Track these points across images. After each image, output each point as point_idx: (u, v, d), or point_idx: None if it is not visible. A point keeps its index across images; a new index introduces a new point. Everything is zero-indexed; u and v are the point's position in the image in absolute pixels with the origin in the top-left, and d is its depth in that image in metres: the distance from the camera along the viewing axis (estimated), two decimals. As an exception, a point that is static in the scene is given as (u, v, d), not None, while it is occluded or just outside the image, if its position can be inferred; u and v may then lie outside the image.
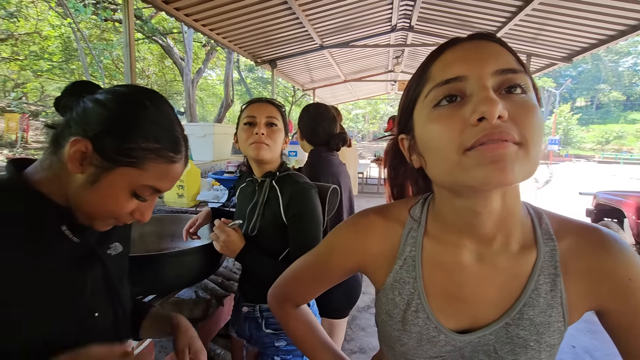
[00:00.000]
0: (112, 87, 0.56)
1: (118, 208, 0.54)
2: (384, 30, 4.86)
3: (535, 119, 0.37)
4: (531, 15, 3.42)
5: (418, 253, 0.50)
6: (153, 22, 8.99)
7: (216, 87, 17.38)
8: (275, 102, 1.09)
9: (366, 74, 7.64)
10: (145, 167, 0.53)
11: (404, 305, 0.50)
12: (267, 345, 1.08)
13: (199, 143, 2.96)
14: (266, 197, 1.04)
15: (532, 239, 0.46)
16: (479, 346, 0.46)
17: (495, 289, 0.46)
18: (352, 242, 0.56)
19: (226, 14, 3.25)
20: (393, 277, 0.52)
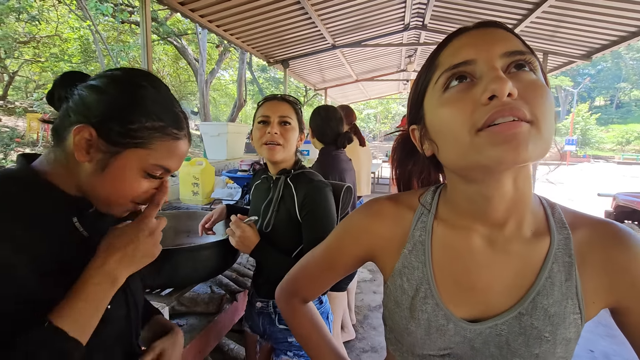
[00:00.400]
0: (104, 72, 0.55)
1: (132, 190, 0.54)
2: (396, 29, 4.82)
3: (545, 97, 0.37)
4: (548, 12, 3.34)
5: (428, 238, 0.50)
6: (168, 23, 9.15)
7: (229, 88, 17.57)
8: (290, 99, 1.09)
9: (378, 73, 7.60)
10: (152, 147, 0.53)
11: (412, 292, 0.49)
12: (280, 341, 1.09)
13: (213, 142, 3.00)
14: (281, 195, 1.05)
15: (544, 227, 0.46)
16: (490, 337, 0.44)
17: (508, 276, 0.45)
18: (362, 225, 0.56)
19: (239, 15, 3.29)
20: (402, 262, 0.51)
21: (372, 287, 3.20)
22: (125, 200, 0.55)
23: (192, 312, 1.27)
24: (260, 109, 1.08)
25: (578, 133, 27.14)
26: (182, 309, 1.26)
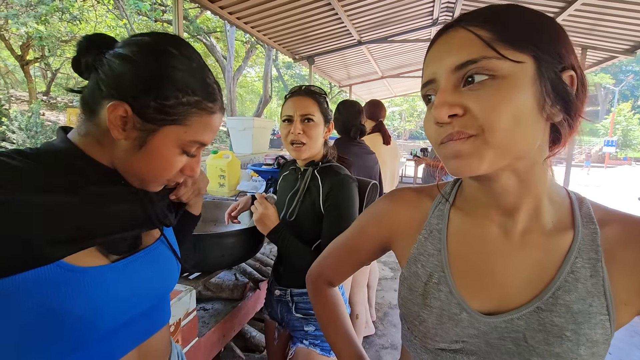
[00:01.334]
0: (132, 37, 0.51)
1: (170, 168, 0.53)
2: (424, 24, 4.73)
3: (491, 107, 0.37)
4: (588, 4, 3.17)
5: (444, 225, 0.50)
6: (198, 22, 9.41)
7: (254, 84, 17.85)
8: (314, 91, 1.08)
9: (404, 69, 7.48)
10: (189, 123, 0.51)
11: (426, 278, 0.49)
12: (297, 329, 1.12)
13: (239, 136, 3.08)
14: (307, 186, 1.07)
15: (569, 221, 0.45)
16: (506, 332, 0.42)
17: (526, 268, 0.44)
18: (384, 211, 0.58)
19: (267, 12, 3.34)
20: (417, 249, 0.51)
21: (394, 285, 3.18)
22: (162, 179, 0.54)
23: (218, 298, 1.32)
24: (284, 105, 1.08)
25: (619, 134, 25.54)
26: (208, 293, 1.31)
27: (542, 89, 0.38)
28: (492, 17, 0.39)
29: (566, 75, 0.39)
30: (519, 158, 0.40)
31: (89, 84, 0.51)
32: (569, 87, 0.39)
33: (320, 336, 1.09)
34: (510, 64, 0.37)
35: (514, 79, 0.37)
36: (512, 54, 0.38)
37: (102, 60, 0.49)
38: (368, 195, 1.14)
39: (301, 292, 1.10)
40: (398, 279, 1.54)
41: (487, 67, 0.38)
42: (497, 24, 0.39)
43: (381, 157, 2.18)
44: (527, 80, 0.38)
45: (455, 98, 0.39)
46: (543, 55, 0.38)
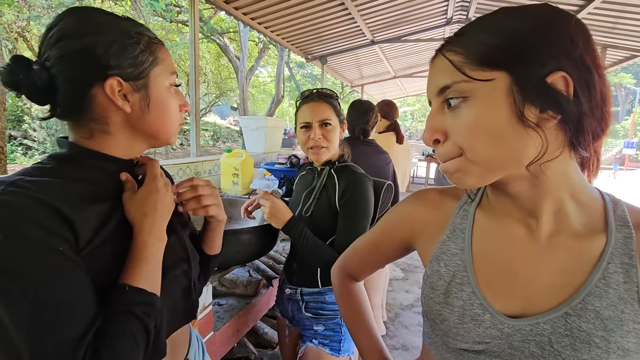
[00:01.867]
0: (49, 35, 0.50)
1: (174, 108, 0.59)
2: (438, 23, 4.68)
3: (465, 128, 0.41)
4: (608, 2, 3.09)
5: (469, 224, 0.50)
6: (212, 22, 9.53)
7: (267, 84, 17.97)
8: (327, 95, 1.10)
9: (417, 69, 7.42)
10: (160, 58, 0.56)
11: (449, 277, 0.49)
12: (307, 328, 1.13)
13: (252, 135, 3.11)
14: (323, 184, 1.09)
15: (601, 224, 0.43)
16: (530, 336, 0.42)
17: (554, 271, 0.43)
18: (407, 210, 0.60)
19: (281, 12, 3.36)
20: (440, 247, 0.52)
21: (405, 285, 3.17)
22: (177, 121, 0.60)
23: (232, 294, 1.35)
24: (299, 112, 1.10)
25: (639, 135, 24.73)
26: (223, 289, 1.34)
27: (520, 99, 0.38)
28: (464, 39, 0.41)
29: (554, 78, 0.37)
30: (511, 168, 0.41)
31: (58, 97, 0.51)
32: (558, 89, 0.38)
33: (330, 336, 1.09)
34: (480, 84, 0.39)
35: (484, 98, 0.39)
36: (480, 74, 0.39)
37: (48, 70, 0.49)
38: (383, 196, 1.14)
39: (311, 291, 1.11)
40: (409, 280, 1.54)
41: (459, 90, 0.40)
42: (467, 45, 0.41)
43: (394, 156, 2.17)
44: (500, 96, 0.39)
45: (437, 122, 0.43)
46: (517, 66, 0.38)
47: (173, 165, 2.02)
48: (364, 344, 0.66)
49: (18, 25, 9.07)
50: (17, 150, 7.35)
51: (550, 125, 0.39)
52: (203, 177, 2.34)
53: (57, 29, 0.49)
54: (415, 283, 3.23)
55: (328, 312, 1.10)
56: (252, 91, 17.36)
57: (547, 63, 0.38)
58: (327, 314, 1.10)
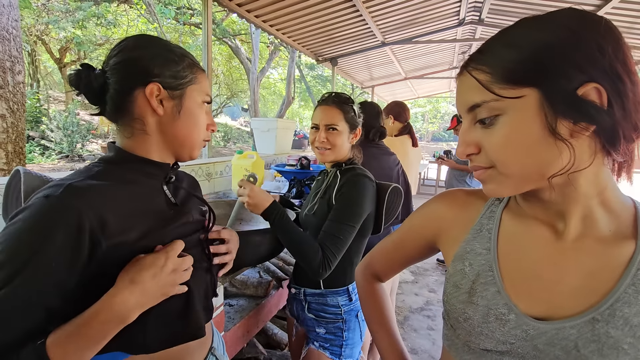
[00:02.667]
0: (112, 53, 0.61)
1: (202, 122, 0.66)
2: (450, 24, 4.64)
3: (497, 144, 0.42)
4: (627, 1, 3.02)
5: (495, 225, 0.51)
6: (224, 24, 9.64)
7: (277, 86, 18.08)
8: (341, 100, 1.12)
9: (428, 71, 7.37)
10: (199, 80, 0.65)
11: (474, 276, 0.49)
12: (310, 329, 1.14)
13: (263, 137, 3.14)
14: (329, 184, 1.11)
15: (631, 231, 0.43)
16: (556, 339, 0.41)
17: (580, 275, 0.43)
18: (432, 208, 0.61)
19: (292, 14, 3.38)
20: (464, 247, 0.52)
21: (414, 289, 3.15)
22: (201, 136, 0.66)
23: (242, 294, 1.36)
24: (314, 112, 1.16)
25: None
26: (234, 290, 1.35)
27: (552, 113, 0.39)
28: (489, 57, 0.42)
29: (585, 90, 0.37)
30: (541, 179, 0.42)
31: (109, 94, 0.60)
32: (590, 101, 0.37)
33: (331, 340, 1.09)
34: (510, 101, 0.40)
35: (516, 114, 0.40)
36: (509, 92, 0.40)
37: (105, 74, 0.59)
38: (389, 198, 1.13)
39: (313, 292, 1.11)
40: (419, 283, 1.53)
41: (489, 108, 0.42)
42: (492, 63, 0.41)
43: (409, 159, 2.16)
44: (531, 112, 0.40)
45: (471, 137, 0.45)
46: (546, 81, 0.38)
47: (185, 167, 2.05)
48: (385, 344, 0.67)
49: (37, 29, 9.34)
50: (35, 151, 7.55)
51: (584, 136, 0.39)
52: (214, 178, 2.37)
53: (119, 45, 0.61)
54: (425, 286, 3.21)
55: (329, 315, 1.10)
56: (263, 92, 17.48)
57: (576, 76, 0.37)
58: (329, 317, 1.10)
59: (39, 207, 0.48)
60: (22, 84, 2.57)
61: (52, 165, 7.30)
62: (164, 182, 0.66)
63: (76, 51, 10.97)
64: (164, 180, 0.66)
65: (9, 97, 2.44)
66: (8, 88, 2.42)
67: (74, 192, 0.50)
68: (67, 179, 0.54)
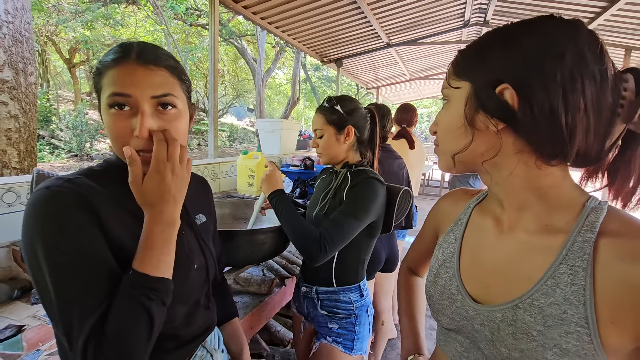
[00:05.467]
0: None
1: (112, 131, 0.56)
2: (455, 26, 4.65)
3: (439, 125, 0.54)
4: (632, 3, 3.00)
5: (466, 218, 0.59)
6: (230, 25, 9.71)
7: (283, 86, 18.14)
8: (322, 107, 1.17)
9: (433, 72, 7.36)
10: (105, 82, 0.55)
11: (441, 261, 0.58)
12: (322, 325, 1.17)
13: (268, 137, 3.18)
14: (339, 184, 1.14)
15: (568, 226, 0.44)
16: (487, 321, 0.47)
17: (512, 264, 0.47)
18: (439, 203, 0.71)
19: (297, 16, 3.42)
20: (444, 237, 0.61)
21: (417, 289, 3.16)
22: (120, 149, 0.56)
23: (246, 292, 1.40)
24: None
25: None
26: (238, 287, 1.39)
27: (474, 106, 0.46)
28: (459, 53, 0.50)
29: (500, 90, 0.44)
30: (469, 162, 0.50)
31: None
32: (503, 100, 0.44)
33: (343, 334, 1.13)
34: (453, 90, 0.50)
35: (454, 101, 0.50)
36: (454, 82, 0.50)
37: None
38: (400, 201, 1.16)
39: (326, 290, 1.15)
40: (421, 285, 1.50)
41: (444, 94, 0.52)
42: (456, 57, 0.50)
43: (408, 161, 2.18)
44: (461, 101, 0.48)
45: (437, 117, 0.55)
46: (476, 77, 0.47)
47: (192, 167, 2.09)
48: (405, 326, 0.75)
49: (47, 30, 9.49)
50: (45, 149, 7.68)
51: (494, 130, 0.45)
52: (220, 178, 2.41)
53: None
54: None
55: (342, 311, 1.13)
56: (269, 93, 17.55)
57: (496, 76, 0.44)
58: (342, 312, 1.13)
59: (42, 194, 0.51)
60: (34, 85, 2.63)
61: (62, 164, 7.42)
62: None
63: (85, 51, 11.12)
64: None
65: (22, 97, 2.50)
66: (21, 89, 2.49)
67: (72, 183, 0.54)
68: (67, 175, 0.58)
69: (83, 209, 0.52)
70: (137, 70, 0.55)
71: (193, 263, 0.69)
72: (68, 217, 0.51)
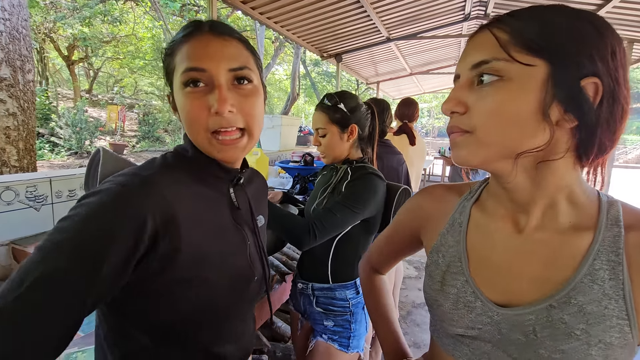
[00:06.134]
0: None
1: (188, 111, 0.51)
2: (456, 19, 4.60)
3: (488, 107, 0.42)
4: (627, 2, 2.97)
5: (465, 219, 0.53)
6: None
7: (282, 82, 18.07)
8: (323, 104, 1.15)
9: (434, 66, 7.31)
10: (177, 59, 0.52)
11: (445, 267, 0.52)
12: (317, 322, 1.16)
13: (268, 134, 3.17)
14: (339, 180, 1.13)
15: (592, 223, 0.44)
16: (516, 324, 0.44)
17: (539, 265, 0.45)
18: (416, 202, 0.63)
19: (296, 11, 3.39)
20: (439, 240, 0.55)
21: (418, 284, 3.17)
22: (195, 128, 0.52)
23: (246, 288, 1.40)
24: None
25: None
26: (238, 283, 1.39)
27: (552, 94, 0.39)
28: (516, 20, 0.41)
29: (587, 82, 0.39)
30: (509, 157, 0.43)
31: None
32: (587, 95, 0.39)
33: (339, 332, 1.12)
34: (519, 67, 0.40)
35: (520, 82, 0.40)
36: (523, 57, 0.39)
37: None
38: (398, 199, 1.15)
39: (322, 287, 1.14)
40: (422, 278, 1.52)
41: (496, 67, 0.41)
42: (517, 26, 0.41)
43: (409, 157, 2.16)
44: (534, 84, 0.39)
45: (462, 95, 0.43)
46: (559, 61, 0.39)
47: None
48: (382, 331, 0.70)
49: (45, 27, 9.45)
50: (45, 147, 7.68)
51: (569, 127, 0.40)
52: (220, 174, 2.40)
53: None
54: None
55: (338, 308, 1.13)
56: (269, 89, 17.34)
57: (586, 66, 0.38)
58: (337, 310, 1.13)
59: (112, 194, 0.43)
60: (32, 83, 2.62)
61: (62, 162, 7.42)
62: (231, 185, 0.59)
63: (84, 48, 11.08)
64: (231, 183, 0.59)
65: (20, 95, 2.49)
66: (19, 87, 2.48)
67: (150, 186, 0.46)
68: (144, 167, 0.50)
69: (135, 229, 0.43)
70: (212, 41, 0.51)
71: (254, 275, 0.61)
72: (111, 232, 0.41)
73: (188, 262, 0.49)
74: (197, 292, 0.51)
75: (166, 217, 0.46)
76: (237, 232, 0.59)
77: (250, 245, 0.61)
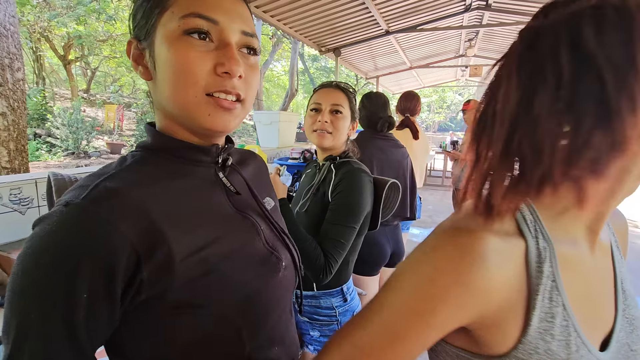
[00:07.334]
0: None
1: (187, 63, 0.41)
2: (456, 10, 4.52)
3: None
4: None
5: (556, 268, 0.36)
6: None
7: (281, 78, 17.97)
8: (344, 86, 1.08)
9: (434, 59, 7.23)
10: (170, 3, 0.42)
11: (566, 353, 0.35)
12: (304, 332, 1.09)
13: (265, 130, 3.10)
14: (322, 179, 1.05)
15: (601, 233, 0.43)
16: (619, 355, 0.40)
17: (603, 284, 0.43)
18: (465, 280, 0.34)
19: (293, 4, 3.31)
20: (538, 316, 0.35)
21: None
22: (191, 88, 0.41)
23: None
24: (313, 96, 1.10)
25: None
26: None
27: None
28: None
29: None
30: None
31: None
32: None
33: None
34: None
35: None
36: None
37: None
38: (386, 194, 1.07)
39: (306, 294, 1.06)
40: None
41: None
42: None
43: (412, 152, 2.10)
44: None
45: None
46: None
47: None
48: None
49: (40, 26, 9.36)
50: (42, 148, 7.62)
51: None
52: (217, 173, 2.34)
53: None
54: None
55: (323, 317, 1.05)
56: (267, 85, 17.39)
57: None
58: (323, 319, 1.05)
59: (54, 224, 0.35)
60: (21, 81, 2.55)
61: (59, 162, 7.37)
62: (218, 168, 0.50)
63: (80, 47, 10.98)
64: (217, 165, 0.50)
65: (9, 94, 2.42)
66: (7, 85, 2.40)
67: (103, 196, 0.37)
68: (96, 174, 0.40)
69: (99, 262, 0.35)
70: None
71: (281, 261, 0.52)
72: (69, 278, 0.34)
73: (191, 271, 0.41)
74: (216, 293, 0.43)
75: (141, 229, 0.37)
76: (243, 219, 0.50)
77: (264, 230, 0.52)
